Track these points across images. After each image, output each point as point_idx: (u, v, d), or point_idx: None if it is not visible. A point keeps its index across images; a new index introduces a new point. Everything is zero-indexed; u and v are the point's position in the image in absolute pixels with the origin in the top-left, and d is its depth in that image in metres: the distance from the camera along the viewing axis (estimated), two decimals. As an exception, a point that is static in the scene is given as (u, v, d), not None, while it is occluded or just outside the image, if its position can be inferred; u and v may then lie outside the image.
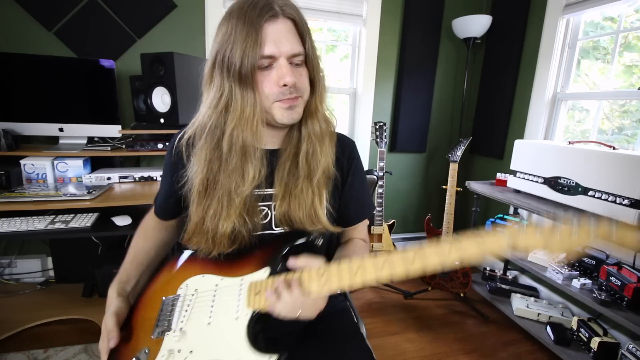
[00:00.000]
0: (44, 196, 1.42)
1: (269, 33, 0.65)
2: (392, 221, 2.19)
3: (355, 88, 2.50)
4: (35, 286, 1.93)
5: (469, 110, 2.62)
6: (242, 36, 0.64)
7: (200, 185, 0.72)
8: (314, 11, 2.22)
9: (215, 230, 0.72)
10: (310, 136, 0.76)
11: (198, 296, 0.73)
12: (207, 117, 0.71)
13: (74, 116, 1.79)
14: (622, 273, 1.42)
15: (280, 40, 0.66)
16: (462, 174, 2.65)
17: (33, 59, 1.70)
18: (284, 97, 0.69)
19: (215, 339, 0.67)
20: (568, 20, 1.96)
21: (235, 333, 0.65)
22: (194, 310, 0.71)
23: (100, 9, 1.87)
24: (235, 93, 0.67)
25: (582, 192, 1.48)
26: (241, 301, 0.68)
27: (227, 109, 0.69)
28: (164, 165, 0.85)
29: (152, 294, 0.80)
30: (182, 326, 0.70)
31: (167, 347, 0.68)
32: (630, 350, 1.39)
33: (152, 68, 1.65)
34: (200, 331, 0.69)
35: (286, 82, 0.67)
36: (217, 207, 0.72)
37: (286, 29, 0.67)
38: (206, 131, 0.71)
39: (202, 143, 0.72)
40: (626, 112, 1.81)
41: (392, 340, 1.75)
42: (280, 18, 0.66)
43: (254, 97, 0.68)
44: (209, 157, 0.71)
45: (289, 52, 0.67)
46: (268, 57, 0.66)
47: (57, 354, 1.51)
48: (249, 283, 0.69)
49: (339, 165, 0.84)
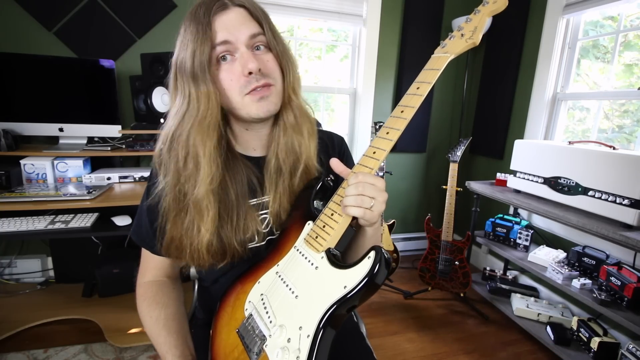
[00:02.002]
0: (44, 196, 1.42)
1: (220, 24, 0.63)
2: (392, 221, 2.19)
3: (355, 88, 2.50)
4: (35, 286, 1.93)
5: (469, 110, 2.62)
6: (192, 35, 0.63)
7: (171, 200, 0.68)
8: (314, 11, 2.22)
9: (191, 245, 0.67)
10: (286, 127, 0.72)
11: (268, 294, 0.67)
12: (170, 126, 0.67)
13: (74, 116, 1.79)
14: (622, 273, 1.42)
15: (234, 26, 0.63)
16: (462, 174, 2.65)
17: (33, 59, 1.70)
18: (252, 87, 0.65)
19: (313, 296, 0.61)
20: (568, 20, 1.96)
21: (325, 276, 0.60)
22: (273, 305, 0.65)
23: (100, 9, 1.87)
24: (191, 94, 0.65)
25: (582, 192, 1.48)
26: (309, 257, 0.64)
27: (187, 111, 0.66)
28: (141, 201, 0.77)
29: (224, 335, 0.70)
30: (274, 323, 0.63)
31: (276, 347, 0.60)
32: (630, 350, 1.39)
33: (152, 68, 1.65)
34: (294, 307, 0.62)
35: (250, 69, 0.63)
36: (189, 220, 0.67)
37: (239, 16, 0.64)
38: (168, 142, 0.68)
39: (166, 156, 0.68)
40: (626, 111, 1.81)
41: (392, 340, 1.75)
42: (230, 8, 0.64)
43: (208, 93, 0.64)
44: (174, 168, 0.67)
45: (246, 35, 0.64)
46: (223, 44, 0.63)
47: (57, 354, 1.51)
48: (302, 240, 0.66)
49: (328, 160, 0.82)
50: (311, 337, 0.56)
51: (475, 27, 0.62)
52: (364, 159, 0.63)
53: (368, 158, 0.62)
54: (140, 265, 0.80)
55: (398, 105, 0.64)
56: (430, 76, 0.62)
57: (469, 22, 0.63)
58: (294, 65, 0.72)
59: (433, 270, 2.08)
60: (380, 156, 0.61)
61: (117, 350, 1.55)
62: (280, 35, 0.70)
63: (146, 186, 0.76)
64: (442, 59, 0.63)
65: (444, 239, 2.01)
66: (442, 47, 0.65)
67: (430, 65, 0.63)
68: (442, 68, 0.62)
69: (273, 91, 0.68)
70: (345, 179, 0.63)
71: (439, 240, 2.03)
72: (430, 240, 2.07)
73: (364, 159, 0.63)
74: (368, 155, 0.63)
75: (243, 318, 0.67)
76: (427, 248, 2.09)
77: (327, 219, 0.63)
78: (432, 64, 0.63)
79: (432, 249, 2.07)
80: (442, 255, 2.02)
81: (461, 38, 0.63)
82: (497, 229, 1.99)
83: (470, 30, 0.62)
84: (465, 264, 1.97)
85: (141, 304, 0.75)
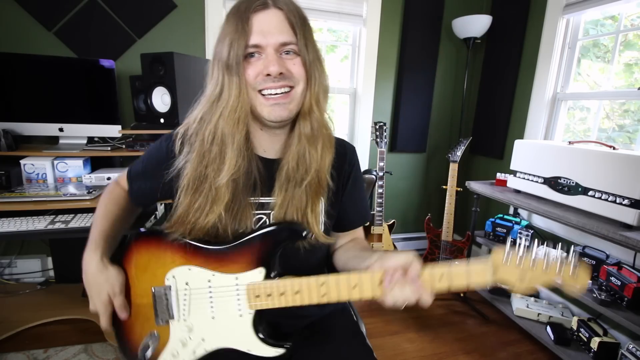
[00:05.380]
0: (44, 196, 1.42)
1: (256, 23, 0.65)
2: (392, 221, 2.19)
3: (355, 88, 2.50)
4: (35, 286, 1.93)
5: (469, 110, 2.62)
6: (231, 28, 0.66)
7: (190, 179, 0.71)
8: (314, 11, 2.22)
9: (196, 222, 0.71)
10: (300, 137, 0.73)
11: (192, 292, 0.72)
12: (200, 109, 0.72)
13: (74, 116, 1.79)
14: (622, 273, 1.42)
15: (268, 30, 0.65)
16: (462, 174, 2.65)
17: (33, 59, 1.70)
18: (267, 86, 0.67)
19: (224, 330, 0.71)
20: (568, 20, 1.96)
21: (242, 328, 0.70)
22: (192, 303, 0.72)
23: (100, 9, 1.87)
24: (224, 82, 0.68)
25: (582, 192, 1.48)
26: (242, 302, 0.69)
27: (219, 99, 0.69)
28: (151, 153, 0.83)
29: (136, 278, 0.75)
30: (185, 317, 0.72)
31: (178, 336, 0.72)
32: (630, 350, 1.39)
33: (152, 68, 1.64)
34: (206, 323, 0.72)
35: (270, 72, 0.66)
36: (202, 201, 0.71)
37: (275, 19, 0.66)
38: (196, 123, 0.72)
39: (193, 136, 0.73)
40: (627, 111, 1.81)
41: (392, 340, 1.75)
42: (270, 8, 0.66)
43: (239, 86, 0.67)
44: (199, 149, 0.71)
45: (277, 42, 0.66)
46: (254, 47, 0.66)
47: (57, 354, 1.51)
48: (246, 285, 0.69)
49: (341, 170, 0.83)
50: (200, 355, 0.71)
51: (528, 277, 0.62)
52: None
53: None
54: (121, 176, 0.90)
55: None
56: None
57: (532, 264, 0.63)
58: (322, 75, 0.72)
59: (433, 270, 2.08)
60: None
61: (117, 350, 1.55)
62: (316, 43, 0.72)
63: (157, 147, 0.82)
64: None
65: (444, 239, 2.01)
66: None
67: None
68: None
69: (291, 96, 0.69)
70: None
71: (439, 240, 2.03)
72: (430, 240, 2.07)
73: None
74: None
75: (162, 284, 0.72)
76: (427, 248, 2.09)
77: (283, 296, 0.67)
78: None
79: (432, 249, 2.07)
80: (442, 255, 2.02)
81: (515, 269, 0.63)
82: (497, 229, 1.99)
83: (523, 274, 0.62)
84: (465, 264, 1.97)
85: (106, 195, 0.87)
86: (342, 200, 0.85)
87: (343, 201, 0.85)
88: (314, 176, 0.74)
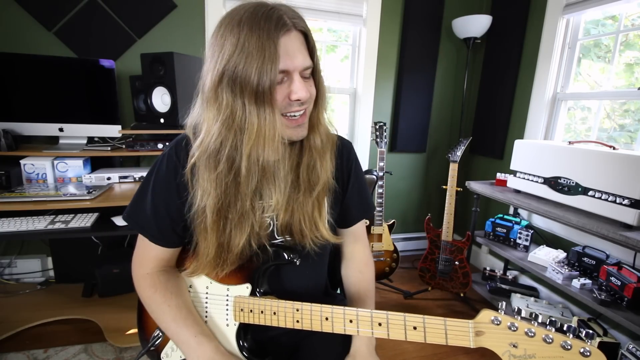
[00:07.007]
0: (44, 196, 1.42)
1: (283, 48, 0.62)
2: (392, 221, 2.19)
3: (355, 88, 2.50)
4: (35, 286, 1.93)
5: (469, 110, 2.62)
6: (257, 50, 0.60)
7: (214, 213, 0.68)
8: (314, 11, 2.22)
9: (229, 252, 0.71)
10: (311, 149, 0.74)
11: (193, 295, 0.79)
12: (215, 138, 0.65)
13: (74, 116, 1.79)
14: (622, 273, 1.42)
15: (294, 54, 0.64)
16: (462, 174, 2.65)
17: (33, 59, 1.70)
18: (292, 110, 0.67)
19: (214, 335, 0.76)
20: (568, 20, 1.96)
21: (228, 337, 0.75)
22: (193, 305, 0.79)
23: (100, 9, 1.87)
24: (250, 112, 0.63)
25: (582, 192, 1.48)
26: (229, 312, 0.75)
27: (242, 129, 0.63)
28: (160, 184, 0.74)
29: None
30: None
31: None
32: (630, 350, 1.39)
33: (152, 68, 1.65)
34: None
35: (299, 97, 0.65)
36: (231, 230, 0.70)
37: (297, 42, 0.65)
38: (217, 154, 0.66)
39: (211, 167, 0.66)
40: (627, 111, 1.81)
41: (392, 340, 1.75)
42: (293, 32, 0.64)
43: (273, 114, 0.63)
44: (222, 181, 0.66)
45: (302, 66, 0.65)
46: (282, 72, 0.64)
47: (57, 354, 1.51)
48: (234, 297, 0.74)
49: (341, 169, 0.84)
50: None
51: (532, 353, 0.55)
52: None
53: None
54: (135, 255, 0.78)
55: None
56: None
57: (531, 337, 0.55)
58: (325, 89, 0.74)
59: (433, 270, 2.08)
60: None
61: (117, 350, 1.55)
62: (319, 60, 0.72)
63: (156, 171, 0.75)
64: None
65: (444, 239, 2.01)
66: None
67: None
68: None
69: (307, 115, 0.71)
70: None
71: (439, 240, 2.03)
72: (430, 240, 2.07)
73: None
74: None
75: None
76: (427, 248, 2.09)
77: (262, 314, 0.71)
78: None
79: (432, 249, 2.07)
80: (442, 255, 2.02)
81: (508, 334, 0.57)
82: (497, 229, 1.99)
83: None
84: (465, 264, 1.97)
85: (153, 294, 0.74)
86: (344, 197, 0.86)
87: (346, 198, 0.86)
88: (324, 184, 0.76)
